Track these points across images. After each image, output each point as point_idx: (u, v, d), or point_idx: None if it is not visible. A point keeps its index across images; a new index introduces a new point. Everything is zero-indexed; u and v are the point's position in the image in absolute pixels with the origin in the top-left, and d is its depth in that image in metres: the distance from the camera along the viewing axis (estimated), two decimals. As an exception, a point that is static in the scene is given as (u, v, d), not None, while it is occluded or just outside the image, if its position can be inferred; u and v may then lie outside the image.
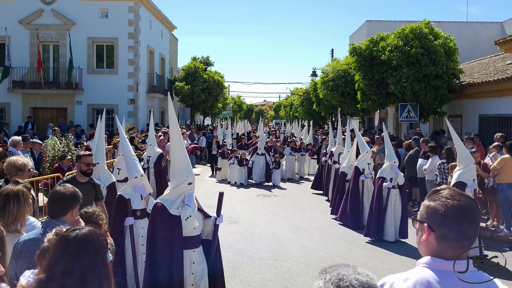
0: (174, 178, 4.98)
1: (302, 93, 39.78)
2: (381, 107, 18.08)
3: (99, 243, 2.20)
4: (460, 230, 1.94)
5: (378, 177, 9.85)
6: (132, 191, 6.00)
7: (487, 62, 19.07)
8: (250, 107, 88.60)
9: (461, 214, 1.94)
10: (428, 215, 2.02)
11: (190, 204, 4.92)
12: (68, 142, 13.72)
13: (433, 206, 2.01)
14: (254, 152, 17.96)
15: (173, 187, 4.96)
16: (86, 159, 5.99)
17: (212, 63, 36.32)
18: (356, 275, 1.59)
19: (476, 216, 1.98)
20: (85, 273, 2.08)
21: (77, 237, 2.16)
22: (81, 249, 2.13)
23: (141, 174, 6.11)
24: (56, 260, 2.12)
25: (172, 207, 4.82)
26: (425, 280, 1.93)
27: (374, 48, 16.75)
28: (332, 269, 1.64)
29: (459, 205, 1.95)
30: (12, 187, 3.68)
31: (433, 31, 16.05)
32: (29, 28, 25.52)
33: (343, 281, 1.56)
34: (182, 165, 4.99)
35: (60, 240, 2.19)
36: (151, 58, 30.00)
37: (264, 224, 10.95)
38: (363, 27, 31.12)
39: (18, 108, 25.74)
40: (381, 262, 8.20)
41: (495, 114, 14.54)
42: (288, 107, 54.30)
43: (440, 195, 2.02)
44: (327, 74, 24.89)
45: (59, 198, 3.30)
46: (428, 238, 2.01)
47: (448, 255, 1.96)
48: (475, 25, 28.97)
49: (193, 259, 4.91)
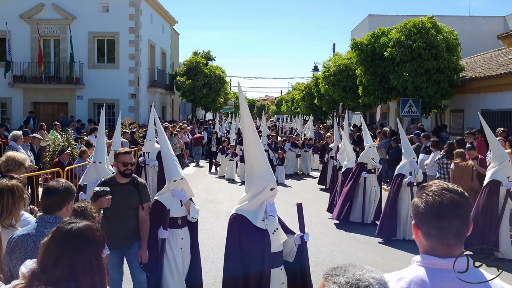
0: (253, 184, 4.19)
1: (304, 88, 39.73)
2: (382, 101, 18.03)
3: (94, 238, 2.16)
4: (440, 227, 1.89)
5: (396, 174, 9.43)
6: (171, 196, 5.37)
7: (490, 56, 18.96)
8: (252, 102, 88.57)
9: (441, 210, 1.89)
10: (413, 213, 2.01)
11: (274, 215, 4.31)
12: (68, 136, 13.71)
13: (416, 203, 1.98)
14: None
15: (252, 196, 4.18)
16: (123, 158, 5.12)
17: (214, 57, 36.27)
18: (370, 273, 1.52)
19: (460, 213, 1.90)
20: (77, 268, 2.05)
21: (72, 231, 2.13)
22: (75, 243, 2.09)
23: (181, 176, 5.47)
24: (49, 252, 2.09)
25: (258, 219, 4.14)
26: (419, 279, 1.89)
27: (376, 43, 16.67)
28: (342, 271, 1.54)
29: (440, 202, 1.90)
30: (6, 182, 3.65)
31: (435, 26, 15.96)
32: (30, 22, 25.46)
33: (362, 281, 1.48)
34: (261, 169, 4.16)
35: (55, 233, 2.16)
36: (152, 53, 29.93)
37: (264, 219, 10.92)
38: (365, 21, 30.99)
39: (19, 103, 25.73)
40: (382, 257, 8.17)
41: (498, 108, 14.47)
42: (290, 102, 54.27)
43: (424, 191, 1.98)
44: (328, 69, 24.83)
45: (53, 193, 3.27)
46: (418, 235, 1.98)
47: (439, 253, 1.91)
48: (477, 19, 28.82)
49: (282, 279, 4.32)
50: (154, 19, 30.12)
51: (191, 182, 17.18)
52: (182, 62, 35.20)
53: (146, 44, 28.09)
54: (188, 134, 22.12)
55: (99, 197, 4.71)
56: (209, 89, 32.24)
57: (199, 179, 17.39)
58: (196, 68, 32.15)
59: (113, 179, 5.14)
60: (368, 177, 10.61)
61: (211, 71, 32.92)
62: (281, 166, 16.75)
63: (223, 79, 34.76)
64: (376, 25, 20.48)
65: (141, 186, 5.24)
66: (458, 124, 17.20)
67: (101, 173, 6.86)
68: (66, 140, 13.29)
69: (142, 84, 27.15)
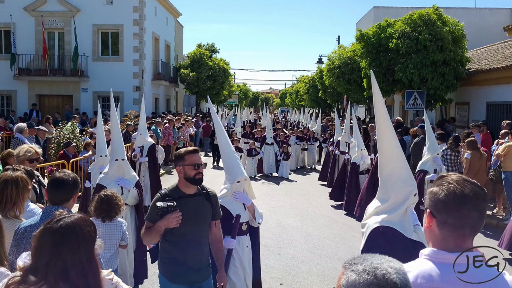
0: (394, 189, 3.38)
1: (308, 80, 39.60)
2: (387, 94, 17.96)
3: (84, 234, 2.10)
4: (459, 216, 1.88)
5: (419, 170, 8.96)
6: (233, 199, 4.76)
7: (496, 48, 18.81)
8: (256, 94, 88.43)
9: (462, 199, 1.88)
10: (430, 201, 1.97)
11: (417, 222, 3.51)
12: (74, 129, 13.76)
13: (435, 191, 1.96)
14: (263, 142, 16.98)
15: (392, 203, 3.38)
16: (192, 158, 3.90)
17: (218, 50, 36.18)
18: (389, 263, 1.52)
19: (480, 204, 1.90)
20: (68, 266, 2.01)
21: (61, 228, 2.07)
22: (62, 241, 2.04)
23: (245, 177, 4.88)
24: (39, 251, 2.06)
25: (407, 229, 3.31)
26: (426, 273, 1.87)
27: (382, 35, 16.57)
28: (361, 259, 1.54)
29: (461, 191, 1.89)
30: (11, 173, 3.67)
31: (441, 17, 15.85)
32: (34, 15, 25.45)
33: (379, 270, 1.47)
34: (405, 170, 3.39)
35: (43, 230, 2.11)
36: (156, 45, 29.89)
37: (268, 211, 10.94)
38: (370, 13, 30.78)
39: (24, 95, 25.79)
40: (386, 249, 8.17)
41: (503, 101, 14.38)
42: (294, 94, 54.14)
43: (445, 180, 1.97)
44: (333, 61, 24.72)
45: (62, 185, 3.24)
46: (431, 225, 1.96)
47: (450, 244, 1.90)
48: (483, 11, 28.58)
49: None
50: (158, 11, 30.05)
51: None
52: (186, 55, 35.14)
53: (150, 36, 28.05)
54: (192, 126, 22.14)
55: (165, 213, 3.60)
56: (213, 81, 32.20)
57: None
58: (200, 60, 32.09)
59: (177, 189, 3.89)
60: None
61: (215, 63, 32.86)
62: (286, 160, 16.31)
63: (227, 71, 34.70)
64: (381, 17, 20.34)
65: (213, 197, 4.10)
66: (463, 116, 17.12)
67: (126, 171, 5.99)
68: (71, 132, 13.34)
69: (146, 77, 27.14)
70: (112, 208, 4.61)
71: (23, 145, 5.66)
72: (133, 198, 5.95)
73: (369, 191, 9.89)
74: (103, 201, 4.62)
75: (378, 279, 1.45)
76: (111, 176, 5.89)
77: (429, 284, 1.85)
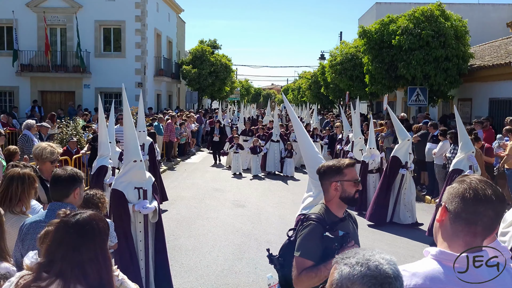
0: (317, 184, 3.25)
1: (310, 76, 39.53)
2: (389, 90, 17.93)
3: (99, 229, 2.16)
4: (474, 212, 1.86)
5: (453, 169, 8.48)
6: None
7: (499, 44, 18.75)
8: (258, 90, 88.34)
9: (482, 197, 1.86)
10: (448, 195, 1.96)
11: None
12: (76, 125, 13.78)
13: (455, 187, 1.95)
14: (269, 138, 16.29)
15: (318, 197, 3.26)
16: (352, 173, 3.10)
17: (220, 46, 36.09)
18: (379, 254, 1.55)
19: (498, 206, 1.87)
20: (84, 261, 2.06)
21: (78, 223, 2.14)
22: (80, 235, 2.10)
23: None
24: (55, 245, 2.10)
25: None
26: (435, 276, 1.84)
27: (384, 31, 16.53)
28: (353, 253, 1.57)
29: (483, 188, 1.88)
30: (19, 170, 3.70)
31: (444, 13, 15.80)
32: (36, 11, 25.44)
33: (371, 261, 1.51)
34: None
35: (60, 224, 2.16)
36: (158, 41, 29.87)
37: (271, 208, 10.97)
38: (372, 9, 30.73)
39: (26, 91, 25.82)
40: (389, 246, 8.19)
41: (506, 97, 14.35)
42: (296, 90, 54.07)
43: (467, 178, 1.97)
44: (335, 57, 24.66)
45: (58, 181, 3.31)
46: (443, 218, 1.94)
47: (459, 241, 1.88)
48: (486, 7, 28.49)
49: None
50: (160, 7, 30.01)
51: (198, 171, 17.25)
52: (188, 51, 35.09)
53: (152, 32, 28.02)
54: (194, 122, 22.14)
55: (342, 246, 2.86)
56: (215, 77, 32.16)
57: (205, 167, 17.44)
58: (202, 56, 32.05)
59: (328, 212, 3.06)
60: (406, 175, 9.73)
61: (217, 59, 32.82)
62: (290, 158, 15.80)
63: (229, 67, 34.65)
64: (383, 13, 20.28)
65: (354, 218, 3.34)
66: (466, 113, 17.09)
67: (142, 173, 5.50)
68: (73, 129, 13.36)
69: (148, 73, 27.14)
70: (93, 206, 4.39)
71: (43, 144, 5.20)
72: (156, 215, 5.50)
73: (383, 192, 9.64)
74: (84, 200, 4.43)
75: (371, 270, 1.49)
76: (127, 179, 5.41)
77: (436, 285, 1.82)
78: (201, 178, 14.91)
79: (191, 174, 15.73)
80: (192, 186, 13.32)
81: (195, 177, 15.15)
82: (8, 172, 3.71)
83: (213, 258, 7.32)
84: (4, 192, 3.57)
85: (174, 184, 13.74)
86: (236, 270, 6.85)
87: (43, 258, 2.12)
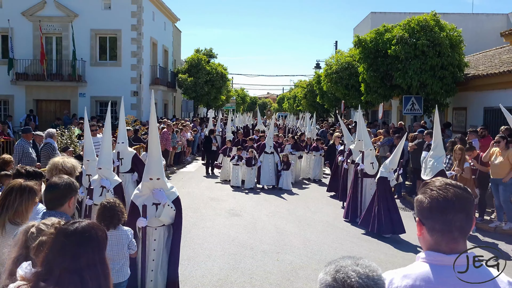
0: None
1: (306, 85, 39.66)
2: (385, 99, 17.98)
3: (98, 238, 2.16)
4: (445, 221, 1.90)
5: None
6: None
7: (493, 54, 18.89)
8: (254, 99, 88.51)
9: (445, 204, 1.91)
10: (417, 209, 2.02)
11: None
12: (71, 134, 13.72)
13: (420, 199, 2.00)
14: (262, 150, 15.11)
15: None
16: None
17: (215, 55, 36.23)
18: (354, 267, 1.59)
19: (464, 206, 1.92)
20: (83, 269, 2.05)
21: (76, 231, 2.13)
22: (79, 243, 2.10)
23: None
24: (53, 254, 2.09)
25: None
26: (425, 276, 1.90)
27: (380, 40, 16.61)
28: (335, 260, 1.65)
29: (444, 196, 1.92)
30: (21, 181, 3.66)
31: (439, 23, 15.91)
32: (32, 19, 25.46)
33: (340, 272, 1.58)
34: None
35: (58, 233, 2.15)
36: (154, 50, 29.92)
37: (266, 217, 10.92)
38: (368, 18, 30.92)
39: (21, 100, 25.75)
40: (385, 255, 8.16)
41: (500, 106, 14.41)
42: (292, 99, 54.20)
43: (428, 187, 2.00)
44: (330, 66, 24.76)
45: (54, 189, 3.29)
46: (422, 232, 1.99)
47: (444, 248, 1.92)
48: (480, 17, 28.73)
49: None
50: (156, 16, 30.10)
51: (194, 180, 17.13)
52: (184, 60, 35.17)
53: (148, 41, 28.07)
54: (190, 131, 22.10)
55: None
56: (211, 86, 32.22)
57: (201, 176, 17.37)
58: (198, 65, 32.12)
59: None
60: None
61: (213, 68, 32.90)
62: (287, 170, 14.70)
63: (225, 76, 34.75)
64: (378, 23, 20.40)
65: None
66: (461, 122, 17.15)
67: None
68: (68, 137, 13.31)
69: (144, 82, 27.15)
70: (114, 215, 4.59)
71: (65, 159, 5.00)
72: (168, 217, 5.49)
73: None
74: (105, 208, 4.62)
75: (336, 281, 1.57)
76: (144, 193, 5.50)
77: (428, 286, 1.88)
78: (196, 187, 14.85)
79: (187, 183, 15.66)
80: (188, 195, 13.25)
81: (190, 186, 15.08)
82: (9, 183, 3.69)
83: (208, 268, 7.26)
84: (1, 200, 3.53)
85: (170, 193, 13.64)
86: (232, 280, 6.79)
87: (40, 267, 2.10)
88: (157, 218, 5.37)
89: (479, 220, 10.39)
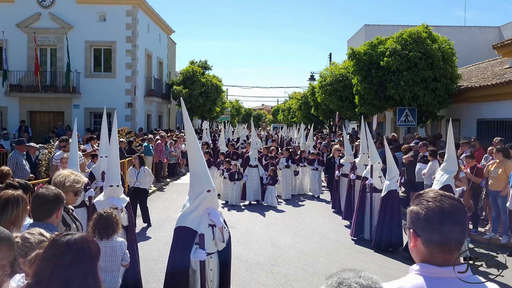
0: None
1: (300, 97, 39.77)
2: (379, 111, 18.06)
3: (90, 250, 2.15)
4: (443, 232, 1.90)
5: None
6: None
7: (485, 66, 19.07)
8: (249, 111, 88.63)
9: (442, 216, 1.90)
10: (411, 220, 2.00)
11: None
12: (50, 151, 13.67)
13: (415, 211, 1.98)
14: (247, 163, 14.32)
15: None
16: None
17: (210, 67, 36.31)
18: (356, 279, 1.59)
19: (460, 218, 1.93)
20: (73, 282, 2.03)
21: (68, 243, 2.11)
22: (71, 255, 2.08)
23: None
24: (44, 265, 2.07)
25: None
26: None
27: (373, 52, 16.73)
28: (336, 273, 1.65)
29: (440, 207, 1.92)
30: (12, 191, 3.62)
31: (431, 35, 16.06)
32: (27, 31, 25.47)
33: (342, 285, 1.57)
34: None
35: (50, 244, 2.13)
36: (149, 62, 29.97)
37: (261, 229, 10.87)
38: (361, 31, 31.17)
39: (15, 111, 25.66)
40: (379, 267, 8.13)
41: (493, 118, 14.52)
42: (287, 111, 54.30)
43: (422, 198, 1.99)
44: (325, 78, 24.86)
45: (43, 201, 3.26)
46: (416, 244, 1.97)
47: (438, 260, 1.91)
48: (472, 30, 29.03)
49: None
50: (151, 28, 30.19)
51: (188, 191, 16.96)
52: (179, 71, 35.23)
53: (143, 53, 28.13)
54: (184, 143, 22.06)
55: None
56: (205, 98, 32.26)
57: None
58: (192, 77, 32.18)
59: None
60: None
61: (208, 80, 32.97)
62: (273, 186, 13.77)
63: (220, 88, 34.81)
64: (372, 35, 20.57)
65: None
66: (454, 133, 17.14)
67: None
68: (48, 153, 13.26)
69: (138, 93, 27.15)
70: (109, 225, 4.59)
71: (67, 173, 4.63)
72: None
73: None
74: (102, 217, 4.66)
75: None
76: None
77: None
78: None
79: (181, 194, 15.58)
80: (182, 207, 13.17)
81: (184, 198, 14.96)
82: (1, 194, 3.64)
83: (202, 281, 7.19)
84: None
85: (164, 205, 13.59)
86: (226, 293, 6.73)
87: (31, 279, 2.09)
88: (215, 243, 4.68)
89: (473, 231, 10.40)
